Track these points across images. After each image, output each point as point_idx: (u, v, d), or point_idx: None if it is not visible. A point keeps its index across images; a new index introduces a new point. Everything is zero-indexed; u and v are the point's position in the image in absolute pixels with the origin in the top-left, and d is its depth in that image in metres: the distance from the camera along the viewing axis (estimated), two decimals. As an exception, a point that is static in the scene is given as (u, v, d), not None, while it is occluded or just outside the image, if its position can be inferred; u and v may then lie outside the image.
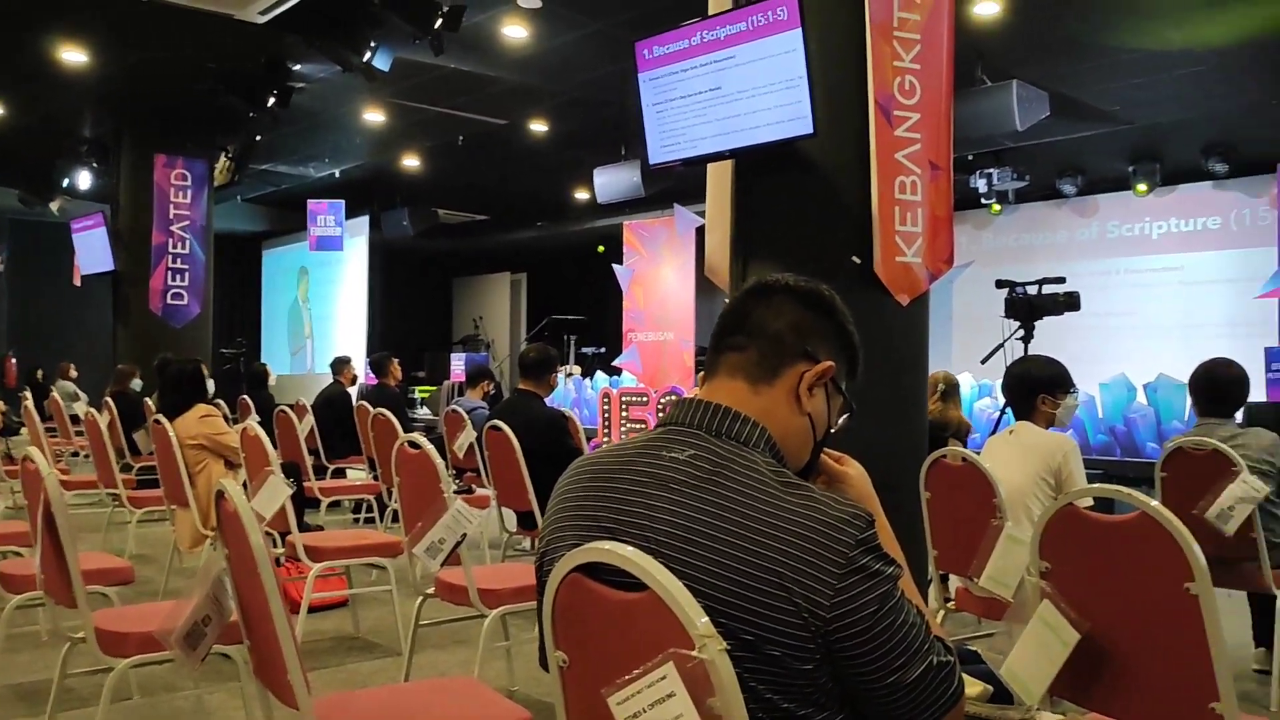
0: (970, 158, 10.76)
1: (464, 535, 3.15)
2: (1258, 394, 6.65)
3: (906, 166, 4.18)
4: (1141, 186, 10.92)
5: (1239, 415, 5.05)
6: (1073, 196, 11.63)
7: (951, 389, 5.75)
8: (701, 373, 1.57)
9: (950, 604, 3.66)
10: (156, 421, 5.01)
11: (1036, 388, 3.81)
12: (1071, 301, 4.95)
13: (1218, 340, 8.96)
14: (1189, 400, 4.26)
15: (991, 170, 10.72)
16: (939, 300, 7.99)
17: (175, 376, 5.38)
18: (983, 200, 11.43)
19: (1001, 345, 5.50)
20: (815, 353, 1.47)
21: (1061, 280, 5.17)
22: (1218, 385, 4.15)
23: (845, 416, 1.54)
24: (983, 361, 5.93)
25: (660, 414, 8.02)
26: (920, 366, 4.47)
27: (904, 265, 4.20)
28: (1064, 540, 2.07)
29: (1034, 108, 8.11)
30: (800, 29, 3.97)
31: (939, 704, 1.34)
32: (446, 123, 11.05)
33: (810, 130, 4.00)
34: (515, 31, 8.28)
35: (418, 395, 15.26)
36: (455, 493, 3.55)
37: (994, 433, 4.39)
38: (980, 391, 9.45)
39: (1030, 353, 4.96)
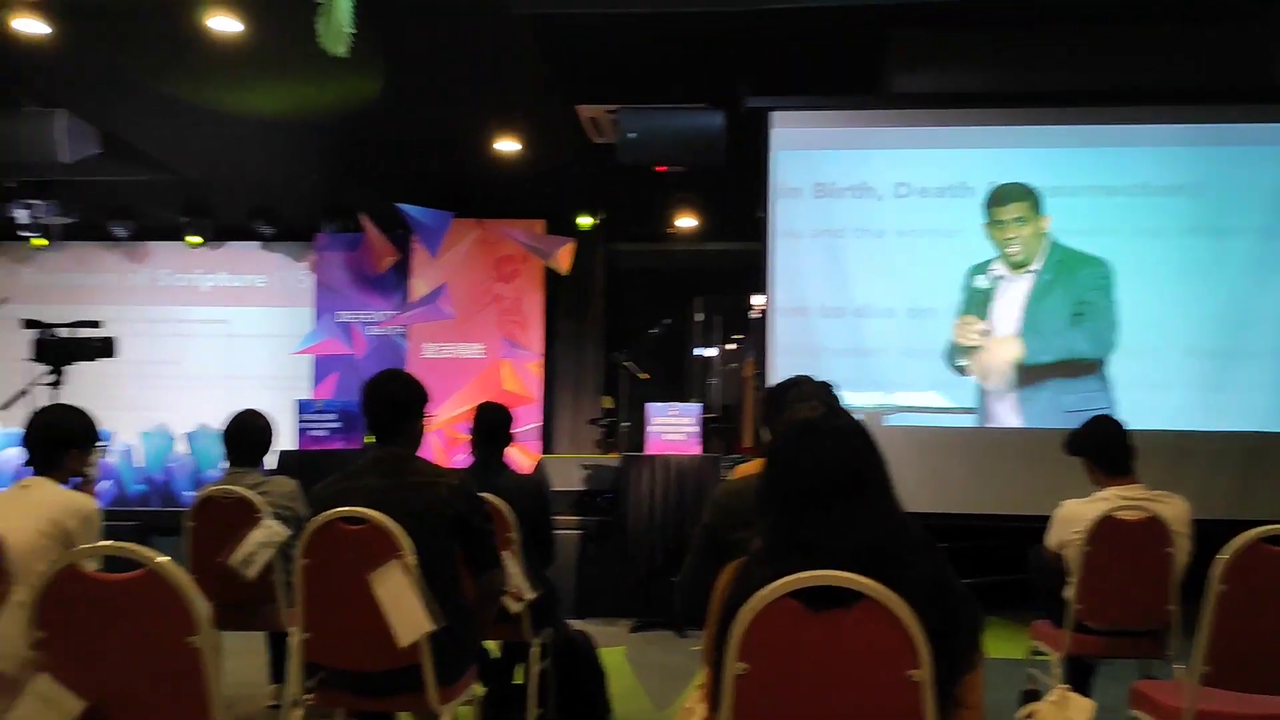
0: (13, 185, 9.75)
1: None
2: (291, 443, 7.15)
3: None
4: (194, 238, 11.07)
5: (269, 462, 5.35)
6: (125, 240, 11.31)
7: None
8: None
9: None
10: None
11: (66, 440, 3.51)
12: (107, 347, 4.73)
13: (259, 391, 9.43)
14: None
15: (36, 201, 9.84)
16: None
17: None
18: (20, 233, 10.43)
19: (26, 390, 5.01)
20: None
21: (96, 324, 4.91)
22: (245, 434, 4.33)
23: None
24: (4, 407, 5.36)
25: None
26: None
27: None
28: (65, 605, 1.91)
29: (84, 142, 7.69)
30: None
31: None
32: None
33: None
34: None
35: None
36: None
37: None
38: (6, 440, 8.58)
39: (60, 400, 4.62)
